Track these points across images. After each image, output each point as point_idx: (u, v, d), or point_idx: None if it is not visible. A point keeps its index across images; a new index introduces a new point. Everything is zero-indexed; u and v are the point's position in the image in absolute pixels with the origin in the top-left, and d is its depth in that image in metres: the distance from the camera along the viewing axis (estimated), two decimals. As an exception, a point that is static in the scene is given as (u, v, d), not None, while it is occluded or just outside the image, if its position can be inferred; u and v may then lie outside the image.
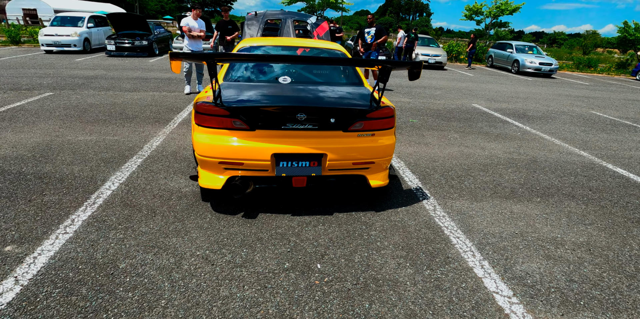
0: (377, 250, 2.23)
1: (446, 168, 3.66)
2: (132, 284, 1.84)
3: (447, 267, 2.10)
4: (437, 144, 4.44)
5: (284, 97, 2.41)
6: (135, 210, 2.54)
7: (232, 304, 1.75)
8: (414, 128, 5.09)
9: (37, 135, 3.95)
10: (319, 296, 1.83)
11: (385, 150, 2.48)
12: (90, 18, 13.36)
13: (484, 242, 2.38)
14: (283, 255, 2.13)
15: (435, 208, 2.80)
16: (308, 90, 2.60)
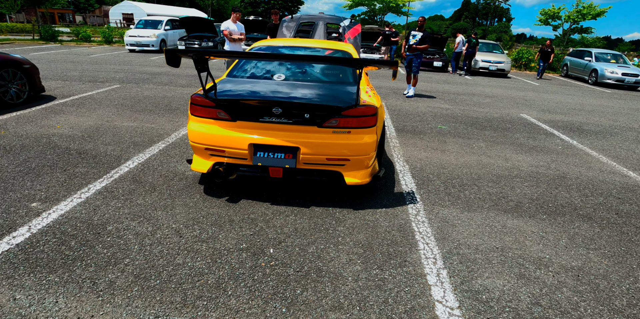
0: (335, 245, 2.27)
1: (452, 175, 3.49)
2: (110, 243, 2.15)
3: (398, 270, 2.06)
4: (456, 152, 4.23)
5: (265, 92, 2.58)
6: (139, 186, 2.91)
7: (180, 271, 1.95)
8: (438, 135, 4.89)
9: (92, 119, 4.67)
10: (258, 277, 1.94)
11: (361, 148, 2.49)
12: (168, 21, 15.09)
13: (454, 252, 2.27)
14: (244, 237, 2.29)
15: (418, 213, 2.71)
16: (294, 86, 2.73)
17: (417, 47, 6.74)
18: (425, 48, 6.82)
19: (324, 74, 3.07)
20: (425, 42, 6.75)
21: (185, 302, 1.75)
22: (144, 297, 1.77)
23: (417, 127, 5.24)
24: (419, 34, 6.89)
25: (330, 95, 2.58)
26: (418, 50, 6.83)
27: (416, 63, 7.04)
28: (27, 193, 2.70)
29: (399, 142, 4.48)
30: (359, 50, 5.45)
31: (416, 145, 4.38)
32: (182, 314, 1.68)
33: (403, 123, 5.40)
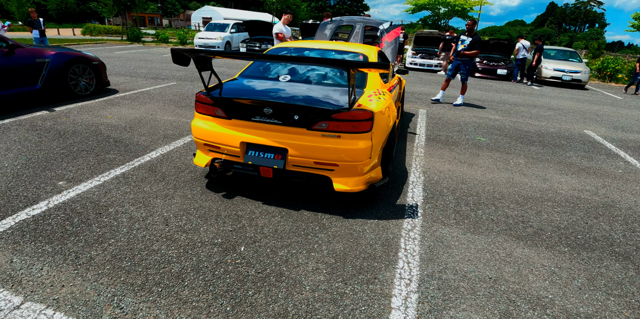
0: (308, 251, 2.20)
1: (470, 192, 3.17)
2: (105, 224, 2.36)
3: (363, 286, 1.92)
4: (486, 167, 3.83)
5: (260, 92, 2.61)
6: (152, 174, 3.15)
7: (152, 256, 2.06)
8: (473, 147, 4.49)
9: (139, 112, 5.17)
10: (219, 272, 1.96)
11: (351, 154, 2.39)
12: (234, 25, 16.16)
13: (435, 276, 2.05)
14: (223, 232, 2.34)
15: (413, 229, 2.51)
16: (294, 87, 2.72)
17: (465, 53, 6.27)
18: (474, 54, 6.31)
19: (330, 76, 3.01)
20: (475, 48, 6.24)
21: (143, 286, 1.84)
22: (111, 276, 1.90)
23: (452, 137, 4.86)
24: (468, 39, 6.41)
25: (324, 98, 2.52)
26: (467, 56, 6.35)
27: (464, 70, 6.55)
28: (59, 173, 3.08)
29: (424, 151, 4.20)
30: (394, 53, 5.26)
31: (442, 157, 4.07)
32: (136, 296, 1.76)
33: (437, 133, 5.06)
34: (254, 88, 2.72)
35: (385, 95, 2.98)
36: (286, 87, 2.74)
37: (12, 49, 4.56)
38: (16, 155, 3.39)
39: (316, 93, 2.60)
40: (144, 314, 1.67)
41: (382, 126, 2.60)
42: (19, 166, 3.16)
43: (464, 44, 6.35)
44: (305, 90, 2.65)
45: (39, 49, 5.01)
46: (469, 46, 6.33)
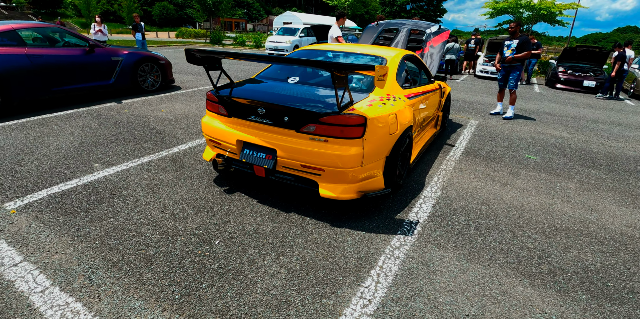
0: (278, 255, 2.16)
1: (489, 215, 2.80)
2: (112, 204, 2.63)
3: (316, 299, 1.83)
4: (523, 189, 3.35)
5: (259, 92, 2.64)
6: (172, 164, 3.41)
7: (136, 238, 2.23)
8: (517, 165, 3.96)
9: (189, 108, 5.66)
10: (185, 262, 2.04)
11: (338, 160, 2.29)
12: (304, 29, 16.75)
13: (401, 302, 1.85)
14: (207, 225, 2.43)
15: (400, 247, 2.31)
16: (296, 89, 2.70)
17: (516, 57, 5.56)
18: (526, 56, 5.56)
19: None
20: (525, 48, 5.50)
21: (117, 263, 2.00)
22: (96, 250, 2.11)
23: (495, 153, 4.36)
24: (514, 42, 5.67)
25: (320, 100, 2.45)
26: (519, 60, 5.62)
27: (514, 76, 5.81)
28: (99, 156, 3.53)
29: (454, 165, 3.84)
30: (438, 57, 4.89)
31: (474, 173, 3.67)
32: (107, 271, 1.93)
33: (480, 146, 4.58)
34: (258, 88, 2.79)
35: (397, 102, 2.80)
36: (289, 88, 2.75)
37: (92, 48, 5.39)
38: (75, 138, 3.98)
39: (315, 96, 2.56)
40: (105, 288, 1.82)
41: (380, 133, 2.45)
42: (72, 148, 3.70)
43: (510, 49, 5.64)
44: (305, 92, 2.63)
45: (115, 49, 5.82)
46: (518, 48, 5.60)
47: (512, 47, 5.58)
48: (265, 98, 2.50)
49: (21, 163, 3.26)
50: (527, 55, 5.64)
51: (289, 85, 2.84)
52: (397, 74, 3.11)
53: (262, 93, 2.63)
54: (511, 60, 5.62)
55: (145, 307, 1.72)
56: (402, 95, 3.02)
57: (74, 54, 5.15)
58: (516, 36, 5.60)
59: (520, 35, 5.57)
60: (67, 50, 5.11)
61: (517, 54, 5.62)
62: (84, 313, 1.67)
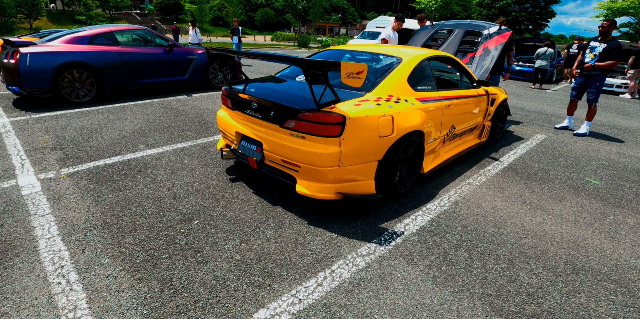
0: (241, 242, 2.26)
1: (492, 240, 2.44)
2: (135, 179, 3.07)
3: (250, 288, 1.87)
4: (558, 216, 2.81)
5: (260, 88, 2.77)
6: (200, 151, 3.79)
7: (135, 209, 2.57)
8: (568, 189, 3.33)
9: (242, 103, 6.14)
10: (161, 234, 2.29)
11: (313, 157, 2.28)
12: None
13: (332, 309, 1.77)
14: (197, 206, 2.66)
15: (366, 255, 2.18)
16: (293, 86, 2.77)
17: (598, 65, 4.56)
18: (608, 66, 4.48)
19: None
20: (612, 57, 4.43)
21: (110, 226, 2.35)
22: (102, 213, 2.50)
23: (547, 172, 3.73)
24: (601, 46, 4.62)
25: (306, 97, 2.46)
26: (599, 68, 4.59)
27: (594, 87, 4.76)
28: (148, 139, 4.11)
29: (484, 181, 3.41)
30: (491, 61, 4.34)
31: (503, 191, 3.21)
32: (100, 231, 2.28)
33: (531, 163, 3.96)
34: (260, 85, 2.92)
35: (400, 104, 2.64)
36: (290, 85, 2.83)
37: (171, 47, 6.26)
38: (138, 123, 4.71)
39: (307, 93, 2.58)
40: (91, 244, 2.17)
41: (364, 134, 2.35)
42: (131, 130, 4.39)
43: (594, 53, 4.61)
44: (300, 89, 2.67)
45: (190, 49, 6.65)
46: (602, 55, 4.56)
47: (595, 52, 4.63)
48: (259, 93, 2.63)
49: (89, 139, 4.02)
50: (611, 66, 4.61)
51: (292, 83, 2.92)
52: (412, 76, 2.92)
53: (260, 89, 2.76)
54: (589, 68, 4.67)
55: (111, 264, 2.00)
56: (413, 98, 2.83)
57: (156, 53, 6.08)
58: (606, 39, 4.65)
59: (612, 40, 4.61)
60: (151, 49, 6.06)
61: (598, 62, 4.67)
62: (66, 260, 2.02)
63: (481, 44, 4.44)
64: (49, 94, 5.00)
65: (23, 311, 1.67)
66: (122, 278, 1.90)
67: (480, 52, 4.39)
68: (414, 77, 2.95)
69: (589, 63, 4.71)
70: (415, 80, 2.97)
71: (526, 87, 10.70)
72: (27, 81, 4.76)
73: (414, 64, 2.99)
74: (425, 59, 3.15)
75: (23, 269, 1.95)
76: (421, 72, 3.05)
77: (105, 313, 1.68)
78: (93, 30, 5.49)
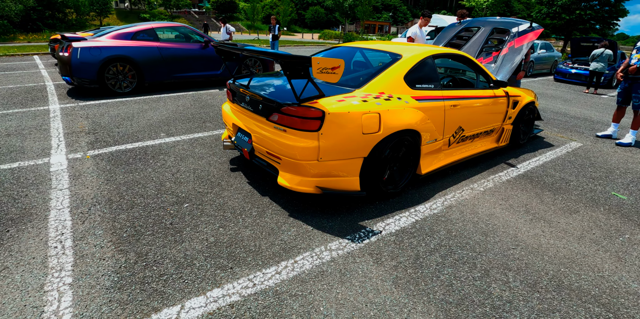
0: (220, 226, 2.39)
1: (474, 248, 2.32)
2: (147, 163, 3.35)
3: (213, 269, 1.99)
4: (562, 230, 2.59)
5: (254, 82, 2.88)
6: (213, 141, 4.02)
7: (138, 189, 2.83)
8: (585, 201, 3.04)
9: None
10: (153, 214, 2.50)
11: (292, 151, 2.34)
12: (430, 31, 15.90)
13: (281, 296, 1.82)
14: (192, 191, 2.85)
15: (333, 250, 2.20)
16: (286, 81, 2.82)
17: None
18: None
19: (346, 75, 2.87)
20: None
21: (112, 203, 2.62)
22: (109, 191, 2.79)
23: (568, 183, 3.42)
24: None
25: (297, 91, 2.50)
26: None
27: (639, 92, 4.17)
28: (170, 128, 4.44)
29: (490, 186, 3.23)
30: (514, 61, 4.02)
31: (507, 199, 3.01)
32: (102, 207, 2.55)
33: (552, 172, 3.66)
34: (260, 79, 3.03)
35: (391, 102, 2.60)
36: (285, 80, 2.91)
37: (206, 44, 6.64)
38: (166, 113, 5.09)
39: (297, 88, 2.63)
40: (92, 218, 2.44)
41: (345, 130, 2.35)
42: (158, 120, 4.77)
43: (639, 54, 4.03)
44: (295, 84, 2.73)
45: (225, 46, 6.99)
46: None
47: (642, 52, 4.10)
48: (253, 87, 2.74)
49: (119, 126, 4.44)
50: None
51: None
52: (410, 74, 2.85)
53: (255, 83, 2.88)
54: (634, 71, 4.13)
55: (102, 236, 2.24)
56: (409, 96, 2.76)
57: (193, 48, 6.50)
58: None
59: None
60: (188, 44, 6.49)
61: None
62: (67, 229, 2.30)
63: (508, 42, 4.15)
64: (96, 84, 5.60)
65: (20, 267, 1.95)
66: (107, 248, 2.13)
67: (505, 51, 4.10)
68: (412, 75, 2.87)
69: (635, 65, 4.19)
70: (415, 78, 2.89)
71: (579, 92, 9.73)
72: (77, 72, 5.37)
73: (414, 62, 2.91)
74: (429, 57, 3.04)
75: (31, 233, 2.26)
76: (422, 70, 2.96)
77: (83, 276, 1.90)
78: (136, 27, 6.03)
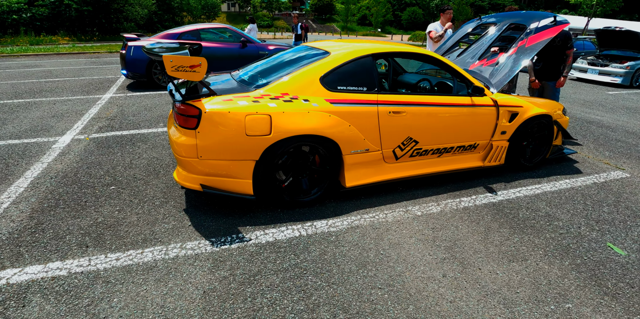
0: (120, 209, 2.61)
1: (330, 279, 2.00)
2: (122, 149, 3.82)
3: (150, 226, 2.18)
4: (473, 281, 2.03)
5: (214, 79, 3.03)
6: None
7: (119, 169, 3.25)
8: (554, 250, 2.31)
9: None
10: (82, 192, 2.87)
11: (176, 147, 2.42)
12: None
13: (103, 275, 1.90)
14: (130, 177, 3.17)
15: (174, 248, 2.17)
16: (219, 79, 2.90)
17: None
18: None
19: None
20: None
21: (66, 178, 3.09)
22: (74, 168, 3.29)
23: (551, 222, 2.64)
24: None
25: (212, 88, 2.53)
26: None
27: None
28: (174, 119, 4.91)
29: (431, 211, 2.71)
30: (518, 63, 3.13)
31: (438, 230, 2.48)
32: (55, 180, 3.04)
33: (542, 206, 2.87)
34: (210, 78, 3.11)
35: (293, 104, 2.42)
36: (220, 78, 2.95)
37: (244, 43, 7.06)
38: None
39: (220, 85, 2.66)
40: (41, 187, 2.92)
41: (226, 130, 2.29)
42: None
43: None
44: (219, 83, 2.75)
45: (263, 45, 7.31)
46: None
47: None
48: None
49: (136, 115, 5.12)
50: None
51: (227, 77, 3.01)
52: (332, 74, 2.59)
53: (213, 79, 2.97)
54: None
55: (31, 203, 2.68)
56: (322, 99, 2.52)
57: (232, 48, 7.01)
58: None
59: None
60: (228, 44, 7.02)
61: None
62: (18, 193, 2.82)
63: (520, 40, 3.32)
64: (144, 78, 6.54)
65: (-45, 218, 2.49)
66: (24, 213, 2.54)
67: (513, 51, 3.29)
68: (335, 75, 2.60)
69: None
70: (338, 79, 2.61)
71: None
72: (130, 67, 6.37)
73: (341, 61, 2.62)
74: (365, 56, 2.70)
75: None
76: (351, 70, 2.65)
77: (-16, 232, 2.32)
78: (183, 28, 6.80)
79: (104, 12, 22.90)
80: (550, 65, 4.25)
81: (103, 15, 22.98)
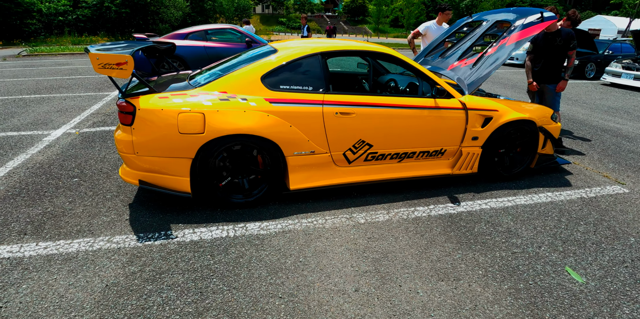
0: (72, 201, 2.73)
1: (223, 290, 1.93)
2: (104, 144, 3.99)
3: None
4: (386, 300, 1.89)
5: None
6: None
7: (70, 162, 3.43)
8: (496, 271, 2.11)
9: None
10: (48, 182, 3.04)
11: (116, 143, 2.49)
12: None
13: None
14: (97, 171, 3.31)
15: (94, 243, 2.21)
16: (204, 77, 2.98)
17: None
18: None
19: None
20: None
21: (43, 168, 3.28)
22: (53, 160, 3.49)
23: (509, 239, 2.42)
24: None
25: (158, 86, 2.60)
26: None
27: None
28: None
29: (377, 219, 2.57)
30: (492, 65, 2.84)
31: (377, 240, 2.34)
32: (34, 169, 3.23)
33: (506, 221, 2.63)
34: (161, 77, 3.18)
35: (230, 102, 2.40)
36: None
37: (248, 44, 7.15)
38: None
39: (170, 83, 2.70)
40: (19, 174, 3.12)
41: (156, 127, 2.32)
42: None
43: None
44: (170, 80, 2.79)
45: (267, 45, 7.36)
46: None
47: None
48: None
49: (132, 110, 5.33)
50: None
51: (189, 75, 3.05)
52: (275, 73, 2.53)
53: None
54: None
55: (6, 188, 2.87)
56: (261, 98, 2.46)
57: (235, 48, 7.12)
58: None
59: None
60: (232, 44, 7.15)
61: None
62: (-13, 181, 3.03)
63: (502, 38, 3.03)
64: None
65: None
66: (-14, 200, 2.73)
67: (492, 51, 3.01)
68: (278, 74, 2.53)
69: None
70: (282, 79, 2.54)
71: None
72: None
73: (286, 60, 2.55)
74: (314, 55, 2.61)
75: (-32, 180, 3.07)
76: (297, 69, 2.57)
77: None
78: (191, 29, 7.02)
79: (141, 13, 24.29)
80: (550, 67, 3.88)
81: (140, 17, 24.38)
